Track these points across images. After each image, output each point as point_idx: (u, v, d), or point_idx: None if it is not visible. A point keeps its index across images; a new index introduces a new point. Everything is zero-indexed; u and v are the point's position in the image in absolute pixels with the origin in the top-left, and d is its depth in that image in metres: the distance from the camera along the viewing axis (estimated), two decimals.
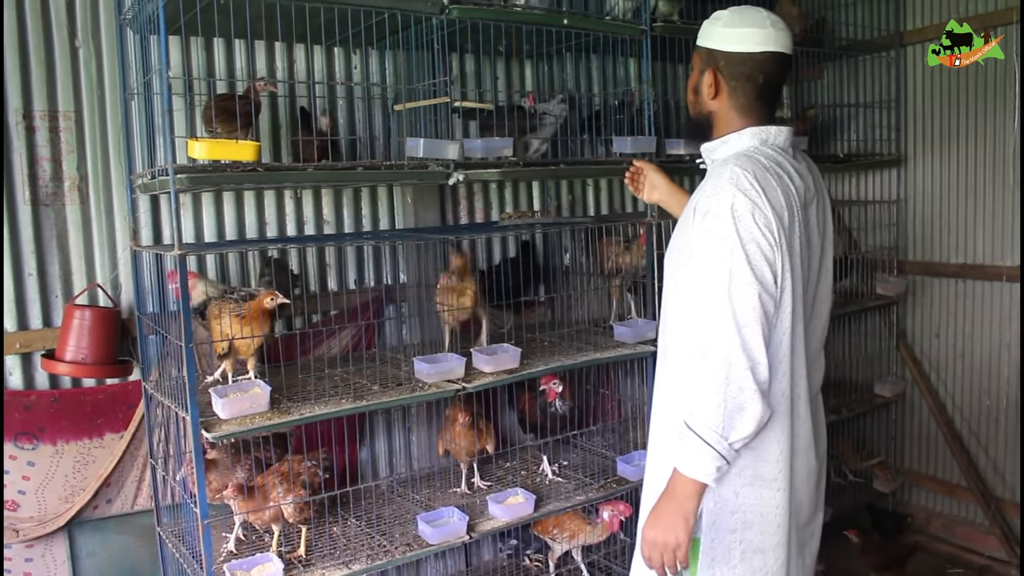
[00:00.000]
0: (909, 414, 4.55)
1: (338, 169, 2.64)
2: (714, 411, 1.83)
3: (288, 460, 2.78)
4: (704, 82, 2.11)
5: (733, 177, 1.93)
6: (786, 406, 2.01)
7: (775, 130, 2.08)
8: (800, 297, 1.99)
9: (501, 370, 2.90)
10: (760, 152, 2.02)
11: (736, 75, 2.06)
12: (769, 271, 1.87)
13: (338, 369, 3.02)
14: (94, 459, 2.99)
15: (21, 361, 2.91)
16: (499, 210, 3.78)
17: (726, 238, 1.87)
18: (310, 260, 3.37)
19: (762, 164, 1.97)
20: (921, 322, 4.46)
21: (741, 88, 2.07)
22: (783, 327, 1.95)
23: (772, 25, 2.04)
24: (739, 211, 1.88)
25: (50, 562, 2.98)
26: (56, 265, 2.95)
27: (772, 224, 1.89)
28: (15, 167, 2.85)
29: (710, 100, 2.11)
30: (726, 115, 2.11)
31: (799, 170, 2.07)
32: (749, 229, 1.87)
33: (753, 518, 2.05)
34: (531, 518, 3.03)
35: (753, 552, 2.06)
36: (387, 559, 2.73)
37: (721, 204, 1.90)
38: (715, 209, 1.91)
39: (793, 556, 2.12)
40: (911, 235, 4.46)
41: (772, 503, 2.04)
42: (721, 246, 1.88)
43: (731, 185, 1.91)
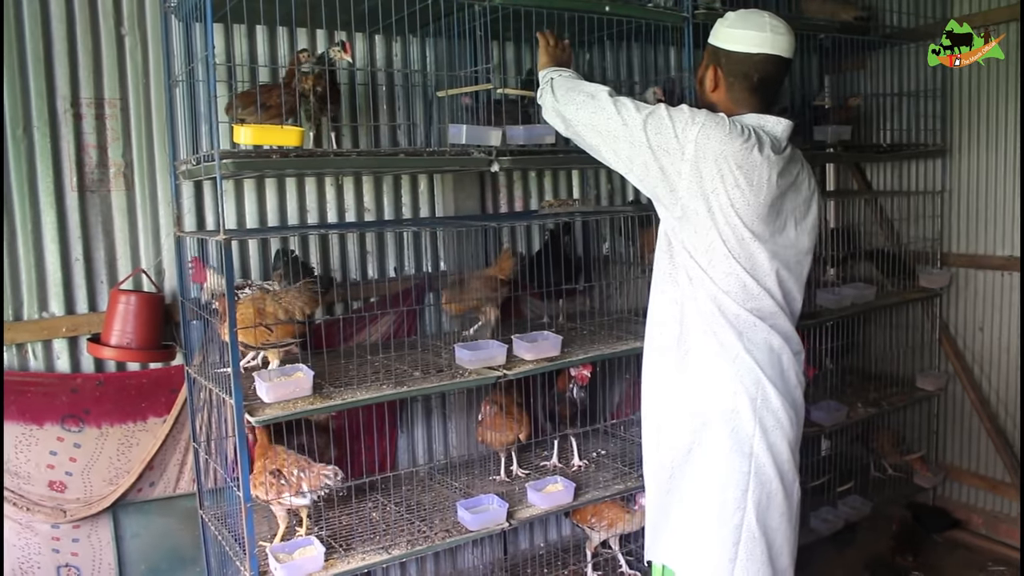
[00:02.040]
0: (951, 408, 4.48)
1: (380, 155, 2.65)
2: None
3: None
4: (708, 76, 2.30)
5: (714, 114, 2.15)
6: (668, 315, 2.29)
7: (773, 120, 2.22)
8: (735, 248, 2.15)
9: (542, 357, 2.90)
10: (751, 128, 2.15)
11: (733, 72, 2.25)
12: (656, 140, 2.13)
13: (379, 355, 3.04)
14: (138, 442, 3.03)
15: (68, 345, 2.96)
16: (539, 199, 3.76)
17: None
18: (351, 247, 3.38)
19: (748, 131, 2.12)
20: (965, 315, 4.38)
21: (737, 84, 2.25)
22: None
23: (772, 30, 2.21)
24: (696, 116, 2.12)
25: (95, 543, 3.03)
26: (102, 251, 2.99)
27: (702, 144, 2.09)
28: (62, 154, 2.89)
29: (710, 92, 2.31)
30: (724, 106, 2.27)
31: (783, 157, 2.19)
32: (679, 116, 2.13)
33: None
34: (570, 506, 3.03)
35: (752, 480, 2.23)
36: (427, 544, 2.74)
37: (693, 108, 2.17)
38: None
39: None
40: (955, 227, 4.38)
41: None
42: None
43: (706, 112, 2.15)
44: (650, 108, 2.18)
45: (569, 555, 3.65)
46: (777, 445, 2.20)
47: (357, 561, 2.63)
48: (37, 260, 2.88)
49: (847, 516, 4.02)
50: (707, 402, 2.20)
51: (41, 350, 2.91)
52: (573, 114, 2.34)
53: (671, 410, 2.28)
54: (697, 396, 2.22)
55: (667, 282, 2.30)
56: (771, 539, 2.22)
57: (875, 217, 4.63)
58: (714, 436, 2.20)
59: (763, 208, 2.13)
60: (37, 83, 2.82)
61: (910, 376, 4.43)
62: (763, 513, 2.20)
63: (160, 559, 3.13)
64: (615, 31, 3.21)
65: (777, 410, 2.19)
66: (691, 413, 2.23)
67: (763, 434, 2.18)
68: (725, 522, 2.20)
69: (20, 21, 2.77)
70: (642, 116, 2.17)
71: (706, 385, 2.20)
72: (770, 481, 2.20)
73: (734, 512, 2.19)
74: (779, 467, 2.21)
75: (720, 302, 2.18)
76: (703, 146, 2.08)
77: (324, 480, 2.64)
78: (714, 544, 2.21)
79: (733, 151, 2.08)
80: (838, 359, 4.18)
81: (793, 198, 2.23)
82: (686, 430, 2.24)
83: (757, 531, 2.20)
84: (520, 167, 2.93)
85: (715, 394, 2.19)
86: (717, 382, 2.19)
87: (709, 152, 2.08)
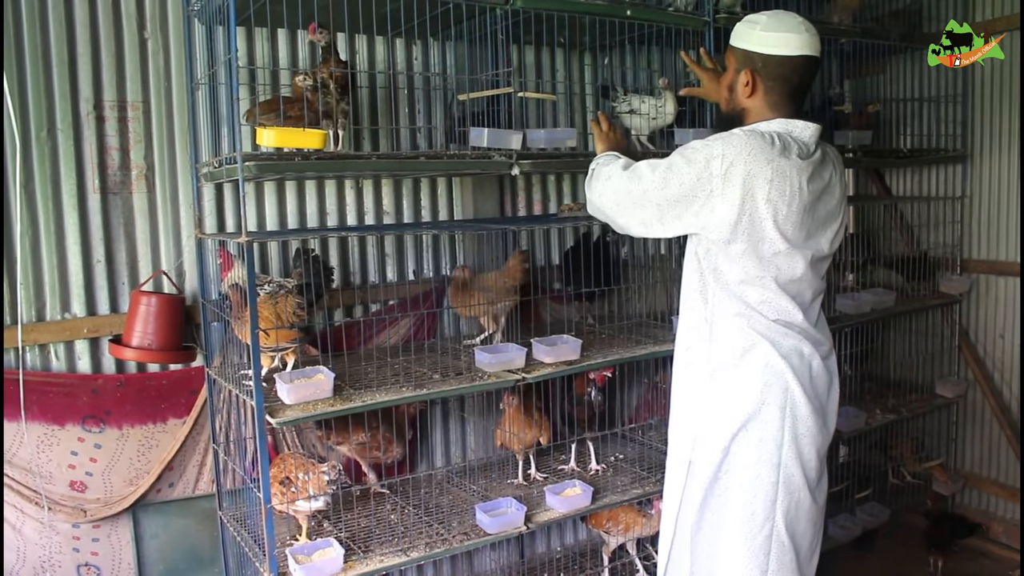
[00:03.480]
0: (971, 415, 4.45)
1: (401, 158, 2.66)
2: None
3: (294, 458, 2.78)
4: (740, 81, 2.25)
5: (728, 135, 2.14)
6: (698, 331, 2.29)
7: (802, 124, 2.20)
8: (779, 266, 2.16)
9: (561, 361, 2.89)
10: (778, 138, 2.13)
11: (774, 76, 2.20)
12: (677, 193, 2.14)
13: (399, 358, 3.04)
14: (157, 443, 3.04)
15: (89, 346, 2.97)
16: (557, 202, 3.76)
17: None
18: (369, 250, 3.39)
19: (769, 140, 2.10)
20: (985, 322, 4.35)
21: (777, 88, 2.21)
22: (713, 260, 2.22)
23: (807, 31, 2.19)
24: (710, 146, 2.12)
25: (115, 543, 3.04)
26: (123, 252, 3.01)
27: (729, 176, 2.07)
28: (85, 156, 2.92)
29: (745, 98, 2.26)
30: (759, 111, 2.25)
31: (812, 162, 2.17)
32: (699, 159, 2.11)
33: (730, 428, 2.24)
34: (588, 510, 3.03)
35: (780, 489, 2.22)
36: (445, 547, 2.74)
37: (703, 140, 2.18)
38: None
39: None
40: (975, 233, 4.35)
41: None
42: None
43: (723, 137, 2.14)
44: (665, 163, 2.19)
45: (586, 559, 3.64)
46: (805, 453, 2.19)
47: (376, 563, 2.63)
48: (60, 261, 2.90)
49: (865, 523, 4.00)
50: (738, 412, 2.18)
51: (63, 351, 2.93)
52: (598, 199, 2.38)
53: (704, 422, 2.25)
54: (728, 407, 2.20)
55: (697, 299, 2.29)
56: (799, 546, 2.22)
57: (895, 223, 4.60)
58: (744, 446, 2.19)
59: (796, 216, 2.11)
60: (61, 85, 2.84)
61: (929, 383, 4.41)
62: (792, 522, 2.20)
63: (179, 559, 3.14)
64: (636, 35, 3.21)
65: (806, 418, 2.18)
66: (724, 422, 2.20)
67: (792, 442, 2.17)
68: (755, 534, 2.19)
69: (45, 24, 2.80)
70: (659, 175, 2.18)
71: (736, 395, 2.19)
72: (799, 490, 2.19)
73: (763, 523, 2.18)
74: (807, 475, 2.20)
75: (751, 316, 2.18)
76: (731, 176, 2.07)
77: (324, 478, 2.65)
78: (745, 556, 2.20)
79: (759, 167, 2.06)
80: (857, 365, 4.16)
81: (827, 201, 2.22)
82: (720, 441, 2.21)
83: (787, 540, 2.19)
84: (540, 171, 2.94)
85: (745, 403, 2.17)
86: (747, 392, 2.17)
87: (736, 178, 2.06)
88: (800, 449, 2.18)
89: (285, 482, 2.66)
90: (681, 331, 2.37)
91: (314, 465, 2.69)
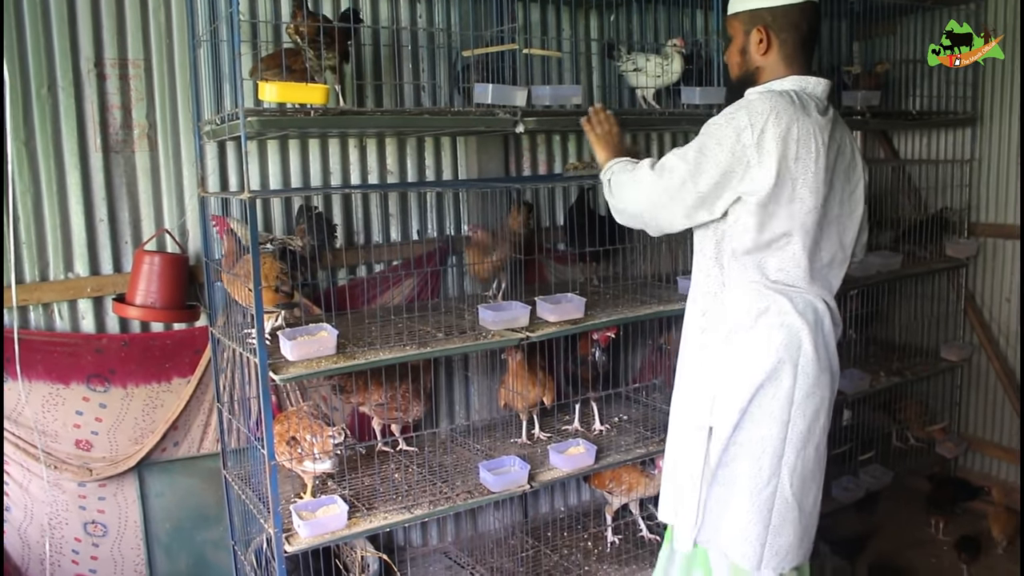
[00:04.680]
0: (975, 379, 4.44)
1: (405, 114, 2.63)
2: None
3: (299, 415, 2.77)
4: (752, 40, 2.23)
5: (747, 103, 2.13)
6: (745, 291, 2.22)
7: (814, 80, 2.20)
8: (805, 226, 2.14)
9: (565, 320, 2.89)
10: (795, 95, 2.13)
11: (785, 27, 2.20)
12: (715, 174, 2.10)
13: (403, 316, 3.04)
14: (162, 403, 3.05)
15: (93, 305, 2.98)
16: (562, 162, 3.74)
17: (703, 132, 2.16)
18: (373, 210, 3.38)
19: (788, 98, 2.10)
20: (991, 285, 4.33)
21: (790, 39, 2.20)
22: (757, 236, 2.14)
23: None
24: (735, 119, 2.09)
25: (121, 501, 3.06)
26: (126, 211, 3.00)
27: (762, 143, 2.05)
28: (86, 115, 2.90)
29: (760, 56, 2.24)
30: (774, 67, 2.23)
31: (830, 119, 2.17)
32: (727, 134, 2.08)
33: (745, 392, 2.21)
34: (591, 469, 3.03)
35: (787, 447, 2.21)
36: (448, 505, 2.75)
37: (723, 114, 2.13)
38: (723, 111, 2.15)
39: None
40: (983, 196, 4.32)
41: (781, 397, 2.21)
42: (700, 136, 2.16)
43: (743, 105, 2.12)
44: (694, 149, 2.15)
45: (589, 519, 3.67)
46: (813, 409, 2.19)
47: (379, 520, 2.64)
48: (62, 221, 2.89)
49: (868, 485, 4.01)
50: (755, 372, 2.16)
51: (67, 310, 2.93)
52: (633, 205, 2.34)
53: (722, 384, 2.23)
54: (745, 368, 2.18)
55: (711, 264, 2.26)
56: (802, 502, 2.22)
57: (902, 186, 4.57)
58: (759, 405, 2.18)
59: (822, 174, 2.10)
60: (61, 42, 2.81)
61: (934, 346, 4.40)
62: (796, 479, 2.20)
63: (184, 518, 3.16)
64: None
65: (817, 375, 2.17)
66: (742, 384, 2.19)
67: (802, 400, 2.17)
68: (760, 490, 2.19)
69: None
70: (692, 162, 2.14)
71: (753, 355, 2.17)
72: (805, 446, 2.20)
73: (769, 479, 2.18)
74: (812, 432, 2.20)
75: (767, 279, 2.17)
76: (763, 142, 2.04)
77: (331, 442, 2.66)
78: (749, 511, 2.20)
79: (787, 127, 2.04)
80: (862, 328, 4.15)
81: (841, 162, 2.20)
82: (738, 402, 2.19)
83: (791, 496, 2.20)
84: (545, 128, 2.91)
85: (762, 363, 2.16)
86: (764, 352, 2.16)
87: (769, 143, 2.04)
88: (808, 407, 2.18)
89: (291, 442, 2.66)
90: (694, 295, 2.36)
91: (321, 427, 2.69)
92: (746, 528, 2.21)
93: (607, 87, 3.67)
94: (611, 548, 3.48)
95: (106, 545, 3.06)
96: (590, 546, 3.54)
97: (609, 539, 3.50)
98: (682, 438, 2.33)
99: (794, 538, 2.24)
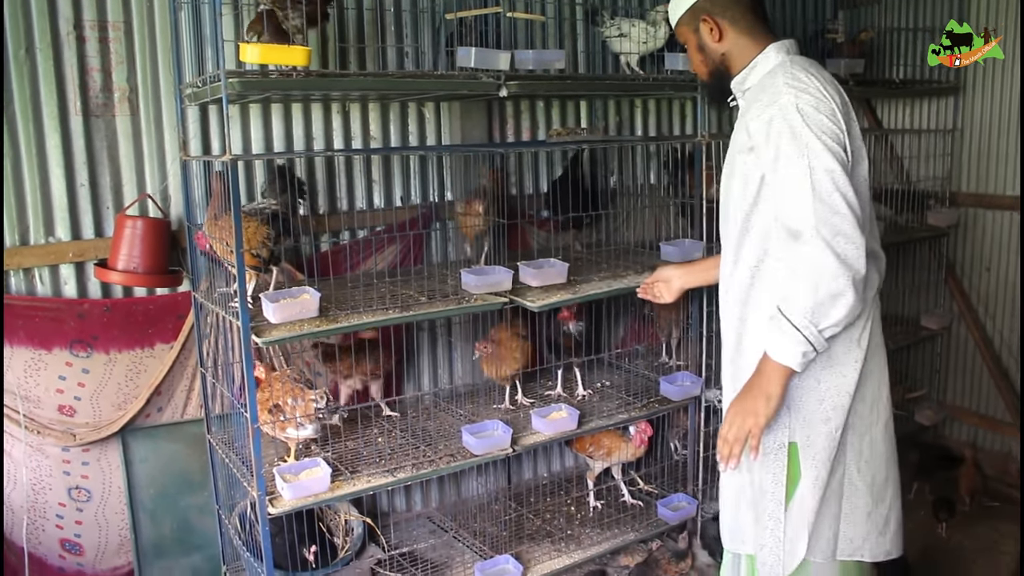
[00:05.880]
0: (954, 348, 4.49)
1: (387, 76, 2.62)
2: (806, 297, 1.89)
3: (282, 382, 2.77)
4: (704, 34, 2.18)
5: (788, 80, 2.00)
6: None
7: (790, 42, 2.14)
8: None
9: (548, 285, 2.89)
10: (796, 59, 2.09)
11: (726, 5, 2.14)
12: (843, 156, 1.92)
13: (386, 281, 3.04)
14: (145, 368, 3.05)
15: (75, 270, 2.96)
16: (546, 129, 3.73)
17: (798, 136, 1.92)
18: (357, 176, 3.37)
19: (806, 66, 2.05)
20: (972, 255, 4.37)
21: (738, 14, 2.14)
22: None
23: None
24: (804, 107, 1.93)
25: (105, 467, 3.07)
26: (107, 176, 2.98)
27: (837, 113, 1.96)
28: (66, 77, 2.86)
29: (717, 44, 2.18)
30: (740, 48, 2.16)
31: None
32: (817, 121, 1.92)
33: (841, 400, 2.10)
34: (574, 434, 3.06)
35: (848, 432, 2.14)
36: (431, 468, 2.77)
37: (785, 107, 1.95)
38: (779, 113, 1.96)
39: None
40: (965, 166, 4.34)
41: (852, 380, 2.11)
42: (795, 144, 1.92)
43: (788, 88, 1.98)
44: (823, 186, 1.89)
45: (572, 484, 3.70)
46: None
47: (363, 483, 2.66)
48: (42, 185, 2.87)
49: None
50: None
51: (48, 275, 2.92)
52: (852, 294, 1.91)
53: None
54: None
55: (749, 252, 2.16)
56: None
57: (884, 155, 4.59)
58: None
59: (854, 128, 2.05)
60: (39, 3, 2.78)
61: (915, 315, 4.44)
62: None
63: (169, 483, 3.17)
64: None
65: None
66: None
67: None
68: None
69: None
70: (828, 200, 1.89)
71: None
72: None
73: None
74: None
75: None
76: (823, 129, 1.93)
77: (313, 406, 2.67)
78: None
79: (827, 101, 1.97)
80: None
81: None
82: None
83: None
84: (528, 92, 2.90)
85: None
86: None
87: (829, 125, 1.94)
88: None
89: (274, 410, 2.67)
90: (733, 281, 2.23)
91: (303, 391, 2.70)
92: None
93: (591, 53, 3.65)
94: (593, 513, 3.51)
95: (90, 510, 3.07)
96: (573, 511, 3.57)
97: (592, 504, 3.53)
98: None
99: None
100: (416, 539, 3.38)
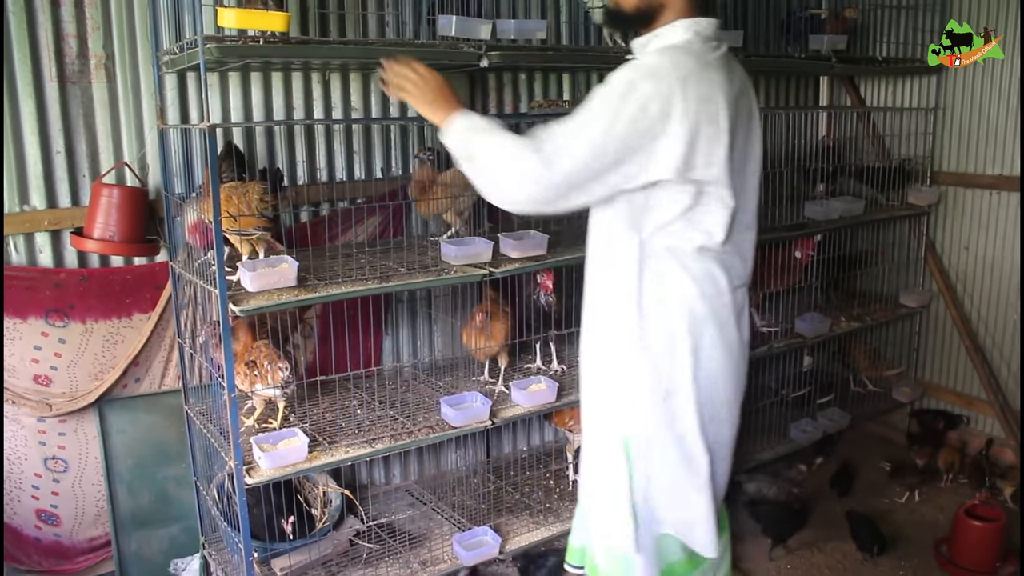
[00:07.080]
0: (932, 325, 4.52)
1: (368, 44, 2.59)
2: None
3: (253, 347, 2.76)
4: None
5: (647, 68, 1.94)
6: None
7: (705, 22, 2.03)
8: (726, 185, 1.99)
9: (528, 256, 2.89)
10: (693, 46, 2.00)
11: None
12: (620, 150, 1.89)
13: (365, 252, 3.03)
14: (123, 338, 3.03)
15: (51, 239, 2.93)
16: (528, 101, 3.70)
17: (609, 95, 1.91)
18: (337, 146, 3.34)
19: (694, 56, 1.96)
20: (951, 234, 4.39)
21: None
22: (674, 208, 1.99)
23: None
24: (637, 88, 1.89)
25: (82, 437, 3.05)
26: (83, 144, 2.94)
27: (667, 114, 1.88)
28: (40, 44, 2.82)
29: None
30: (676, 5, 2.03)
31: (729, 65, 2.05)
32: (631, 108, 1.88)
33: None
34: (553, 406, 3.06)
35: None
36: (410, 440, 2.77)
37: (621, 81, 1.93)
38: (614, 77, 1.95)
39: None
40: (946, 145, 4.36)
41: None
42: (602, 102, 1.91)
43: (647, 72, 1.92)
44: (587, 125, 1.91)
45: (551, 458, 3.71)
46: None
47: (341, 453, 2.66)
48: (17, 152, 2.83)
49: (826, 427, 4.09)
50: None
51: (23, 244, 2.89)
52: (517, 191, 1.99)
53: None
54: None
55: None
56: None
57: (866, 133, 4.59)
58: None
59: (732, 124, 1.97)
60: None
61: (895, 293, 4.46)
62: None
63: (146, 454, 3.16)
64: None
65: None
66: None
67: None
68: None
69: None
70: (587, 144, 1.91)
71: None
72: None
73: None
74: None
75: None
76: (671, 113, 1.89)
77: (279, 374, 2.68)
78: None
79: (695, 89, 1.90)
80: (823, 273, 4.19)
81: (747, 100, 2.08)
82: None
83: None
84: (510, 63, 2.87)
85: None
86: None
87: (678, 113, 1.89)
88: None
89: (250, 365, 2.67)
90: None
91: (278, 356, 2.69)
92: None
93: (574, 24, 3.62)
94: (572, 486, 3.52)
95: (67, 481, 3.06)
96: (552, 484, 3.59)
97: (571, 478, 3.54)
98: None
99: None
100: (395, 511, 3.39)
